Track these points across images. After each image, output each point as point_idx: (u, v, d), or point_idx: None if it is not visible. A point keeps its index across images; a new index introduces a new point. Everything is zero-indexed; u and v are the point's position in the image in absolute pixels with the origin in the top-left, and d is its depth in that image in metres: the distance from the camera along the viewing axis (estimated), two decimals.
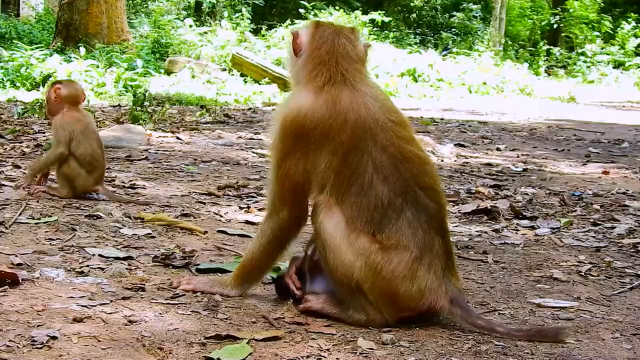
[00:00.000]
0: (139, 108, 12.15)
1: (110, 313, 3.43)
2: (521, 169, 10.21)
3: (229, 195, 6.57)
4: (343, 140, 3.22)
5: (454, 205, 6.72)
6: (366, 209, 3.21)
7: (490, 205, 6.20)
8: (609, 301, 4.10)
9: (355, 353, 3.17)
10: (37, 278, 3.82)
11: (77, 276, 3.95)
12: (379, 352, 3.21)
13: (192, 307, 3.63)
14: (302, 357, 3.10)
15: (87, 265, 4.14)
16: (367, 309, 3.41)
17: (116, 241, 4.70)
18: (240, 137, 10.59)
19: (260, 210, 6.03)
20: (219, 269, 4.27)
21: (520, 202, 6.93)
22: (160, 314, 3.50)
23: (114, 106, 13.86)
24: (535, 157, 11.73)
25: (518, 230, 5.80)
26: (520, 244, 5.33)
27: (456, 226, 5.83)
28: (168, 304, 3.65)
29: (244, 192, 6.70)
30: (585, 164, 10.47)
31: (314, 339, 3.32)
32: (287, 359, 3.07)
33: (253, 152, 9.12)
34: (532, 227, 5.83)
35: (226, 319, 3.51)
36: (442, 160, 10.30)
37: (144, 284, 3.90)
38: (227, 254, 4.67)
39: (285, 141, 3.33)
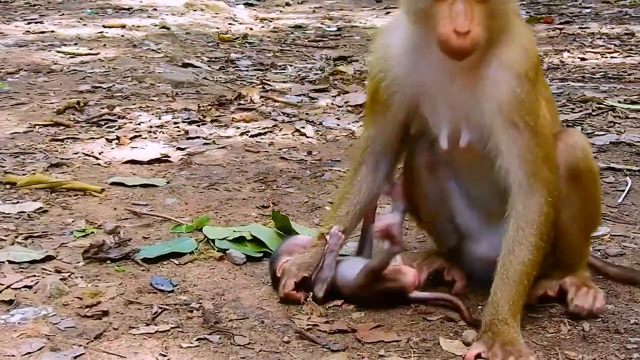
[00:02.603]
0: None
1: None
2: (335, 29, 9.62)
3: (78, 121, 5.37)
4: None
5: (334, 96, 5.99)
6: None
7: None
8: None
9: None
10: None
11: (6, 309, 2.83)
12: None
13: (192, 333, 2.71)
14: None
15: (4, 285, 3.01)
16: None
17: (4, 228, 3.52)
18: (25, 29, 8.89)
19: (132, 138, 4.96)
20: (172, 254, 3.29)
21: None
22: (163, 354, 2.56)
23: None
24: (333, 10, 11.17)
25: None
26: None
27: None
28: (158, 333, 2.70)
29: (94, 114, 5.50)
30: (389, 12, 10.10)
31: (383, 356, 2.56)
32: None
33: (59, 52, 7.64)
34: None
35: (248, 344, 2.64)
36: (250, 29, 9.38)
37: (100, 303, 2.88)
38: (152, 221, 3.72)
39: (537, 86, 2.67)
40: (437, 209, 3.00)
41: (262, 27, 9.81)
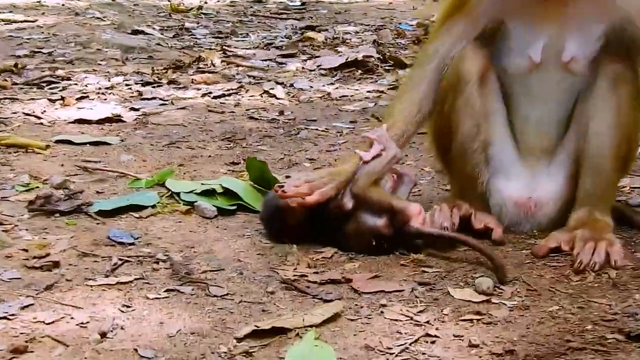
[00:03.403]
0: None
1: (51, 323, 2.20)
2: (299, 3, 9.47)
3: (16, 83, 5.13)
4: None
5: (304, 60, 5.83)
6: None
7: (364, 56, 5.36)
8: None
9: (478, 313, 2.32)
10: None
11: None
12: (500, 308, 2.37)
13: (159, 285, 2.50)
14: (408, 339, 2.15)
15: None
16: None
17: None
18: None
19: (79, 99, 4.75)
20: (130, 208, 3.07)
21: (375, 47, 6.17)
22: (126, 305, 2.33)
23: None
24: None
25: None
26: None
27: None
28: (120, 285, 2.48)
29: (33, 76, 5.26)
30: None
31: (385, 305, 2.36)
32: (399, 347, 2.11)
33: None
34: None
35: (226, 295, 2.45)
36: (205, 2, 9.18)
37: (50, 254, 2.65)
38: (106, 176, 3.52)
39: None
40: (472, 134, 2.80)
41: (218, 0, 9.61)
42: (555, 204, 2.86)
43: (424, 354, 2.09)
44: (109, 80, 5.23)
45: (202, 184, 3.26)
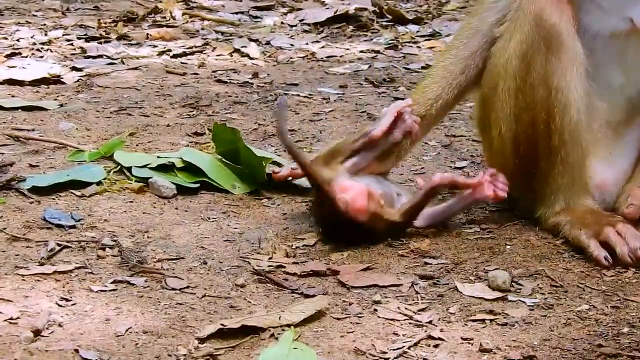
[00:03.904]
0: None
1: None
2: None
3: None
4: None
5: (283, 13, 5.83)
6: None
7: (356, 8, 5.38)
8: None
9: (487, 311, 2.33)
10: None
11: None
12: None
13: (105, 275, 2.50)
14: (406, 341, 2.16)
15: None
16: None
17: None
18: None
19: (8, 56, 4.81)
20: (71, 184, 3.06)
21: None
22: (66, 299, 2.33)
23: None
24: None
25: (416, 41, 5.09)
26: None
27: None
28: (58, 274, 2.48)
29: None
30: None
31: (379, 301, 2.37)
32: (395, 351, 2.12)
33: None
34: (433, 35, 5.14)
35: (187, 287, 2.45)
36: None
37: None
38: (42, 147, 3.52)
39: None
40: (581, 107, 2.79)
41: None
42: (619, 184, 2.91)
43: (425, 359, 2.09)
44: (46, 35, 5.23)
45: (159, 157, 3.26)
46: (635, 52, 2.84)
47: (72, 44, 5.08)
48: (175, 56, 4.94)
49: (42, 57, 4.83)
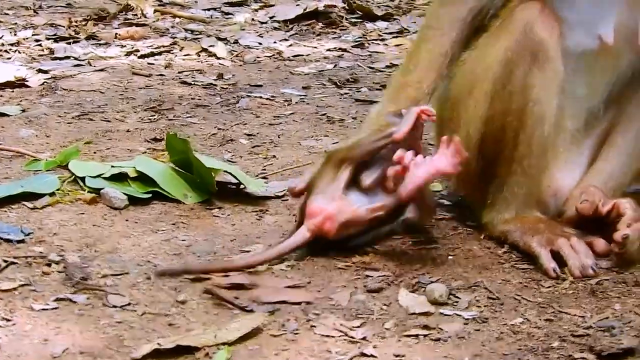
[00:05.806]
0: None
1: None
2: None
3: None
4: None
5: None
6: None
7: (326, 5, 5.38)
8: None
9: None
10: None
11: None
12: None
13: (49, 292, 2.53)
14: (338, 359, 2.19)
15: None
16: None
17: None
18: None
19: None
20: (23, 196, 3.08)
21: None
22: (6, 319, 2.37)
23: None
24: None
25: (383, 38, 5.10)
26: None
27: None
28: (1, 293, 2.52)
29: None
30: None
31: (317, 316, 2.41)
32: None
33: None
34: (401, 32, 5.15)
35: (128, 305, 2.47)
36: None
37: None
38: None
39: None
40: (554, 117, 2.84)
41: None
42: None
43: None
44: (15, 35, 5.21)
45: (113, 166, 3.27)
46: (601, 67, 2.88)
47: (40, 45, 5.08)
48: (142, 56, 4.95)
49: (9, 58, 4.83)
